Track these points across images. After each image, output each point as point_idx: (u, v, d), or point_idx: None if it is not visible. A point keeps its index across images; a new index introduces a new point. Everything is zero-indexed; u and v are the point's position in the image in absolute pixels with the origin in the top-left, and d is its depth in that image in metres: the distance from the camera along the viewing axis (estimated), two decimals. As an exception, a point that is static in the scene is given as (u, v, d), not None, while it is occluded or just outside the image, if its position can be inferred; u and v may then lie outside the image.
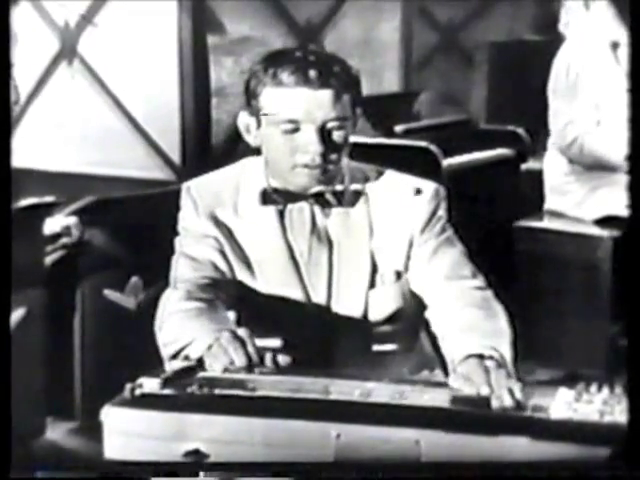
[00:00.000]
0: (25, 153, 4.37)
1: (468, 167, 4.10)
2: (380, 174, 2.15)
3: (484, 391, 1.76)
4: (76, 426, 3.11)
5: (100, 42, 4.68)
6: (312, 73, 1.97)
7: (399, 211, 2.11)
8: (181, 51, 4.51)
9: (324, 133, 2.00)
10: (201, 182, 2.16)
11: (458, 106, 5.70)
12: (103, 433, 1.68)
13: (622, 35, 3.63)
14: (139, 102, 4.64)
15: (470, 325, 1.99)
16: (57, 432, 3.07)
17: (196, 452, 1.65)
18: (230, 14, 4.68)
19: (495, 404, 1.72)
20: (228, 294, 2.06)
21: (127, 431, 1.67)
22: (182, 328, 1.95)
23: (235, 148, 4.60)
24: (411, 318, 2.13)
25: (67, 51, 4.79)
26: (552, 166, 3.87)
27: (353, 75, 2.05)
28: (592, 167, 3.72)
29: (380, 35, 5.32)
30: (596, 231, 3.72)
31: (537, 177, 3.95)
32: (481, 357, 1.87)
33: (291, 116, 1.99)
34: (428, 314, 2.10)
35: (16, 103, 4.16)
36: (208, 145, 4.63)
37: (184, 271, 2.08)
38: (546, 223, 3.84)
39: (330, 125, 2.00)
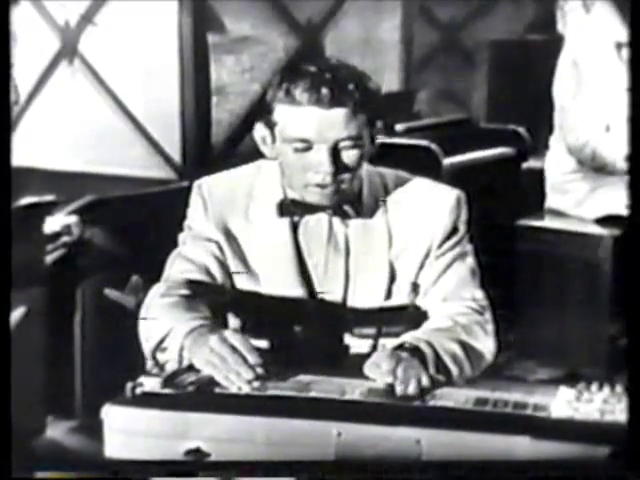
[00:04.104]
0: (25, 152, 4.37)
1: (469, 166, 4.09)
2: (399, 179, 2.11)
3: (388, 379, 1.76)
4: (76, 425, 3.10)
5: (101, 41, 4.68)
6: (324, 91, 1.91)
7: (419, 220, 2.06)
8: (182, 50, 4.51)
9: (336, 153, 1.94)
10: (213, 182, 2.11)
11: (459, 105, 5.71)
12: (103, 432, 1.68)
13: (626, 36, 3.63)
14: (139, 101, 4.64)
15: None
16: (57, 431, 3.07)
17: (197, 451, 1.65)
18: (231, 13, 4.68)
19: (399, 390, 1.74)
20: (211, 296, 2.02)
21: (128, 430, 1.67)
22: (158, 321, 1.93)
23: (235, 147, 4.60)
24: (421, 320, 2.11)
25: (68, 50, 4.79)
26: (554, 165, 3.86)
27: (371, 91, 1.98)
28: (601, 171, 3.71)
29: (381, 34, 5.31)
30: (597, 230, 3.71)
31: (538, 176, 3.95)
32: (401, 347, 1.86)
33: (303, 135, 1.94)
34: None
35: (16, 103, 4.16)
36: (208, 144, 4.63)
37: (176, 270, 2.06)
38: (547, 222, 3.84)
39: (342, 145, 1.95)
